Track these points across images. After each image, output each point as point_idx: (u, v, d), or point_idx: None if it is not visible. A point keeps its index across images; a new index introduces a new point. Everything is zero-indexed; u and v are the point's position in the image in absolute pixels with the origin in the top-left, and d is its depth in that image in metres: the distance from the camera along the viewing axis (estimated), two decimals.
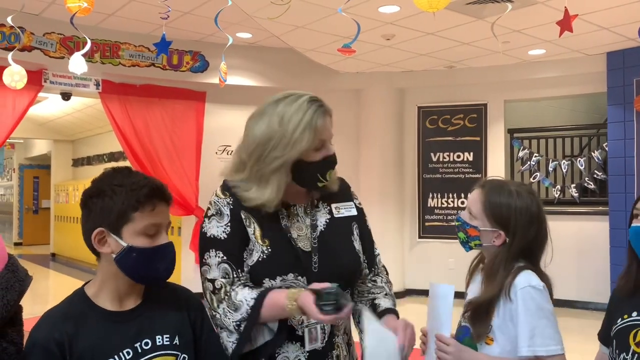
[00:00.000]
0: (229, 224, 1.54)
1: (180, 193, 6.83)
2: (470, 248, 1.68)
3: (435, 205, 7.49)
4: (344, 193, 1.73)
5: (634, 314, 1.44)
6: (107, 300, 1.35)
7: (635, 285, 1.44)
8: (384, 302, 1.68)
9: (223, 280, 1.51)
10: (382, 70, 7.29)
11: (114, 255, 1.31)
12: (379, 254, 1.78)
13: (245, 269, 1.54)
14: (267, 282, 1.52)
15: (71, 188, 11.74)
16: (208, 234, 1.55)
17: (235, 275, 1.52)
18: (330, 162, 1.60)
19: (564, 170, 6.98)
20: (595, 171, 6.80)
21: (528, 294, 1.55)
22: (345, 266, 1.63)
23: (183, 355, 1.37)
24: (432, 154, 7.54)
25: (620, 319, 1.47)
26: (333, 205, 1.68)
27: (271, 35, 6.10)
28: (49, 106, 9.73)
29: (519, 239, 1.61)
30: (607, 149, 6.51)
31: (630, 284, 1.45)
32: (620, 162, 6.27)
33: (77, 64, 3.99)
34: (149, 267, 1.33)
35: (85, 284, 1.39)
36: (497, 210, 1.61)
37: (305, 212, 1.63)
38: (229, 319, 1.48)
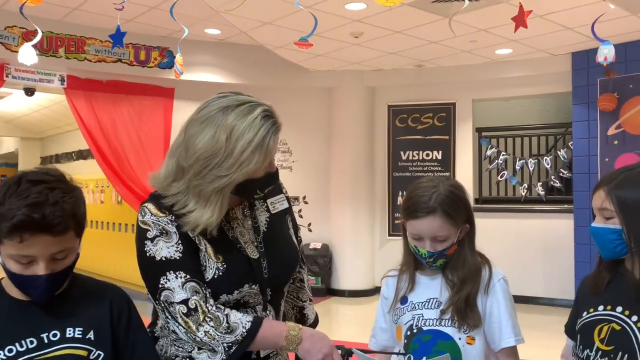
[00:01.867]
0: (179, 242, 1.41)
1: (148, 191, 6.68)
2: (443, 264, 1.61)
3: None
4: (274, 186, 1.63)
5: (600, 307, 1.40)
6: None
7: (603, 282, 1.43)
8: (310, 314, 1.76)
9: (196, 298, 1.37)
10: (353, 68, 7.30)
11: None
12: (301, 241, 1.77)
13: None
14: (223, 297, 1.44)
15: None
16: (158, 258, 1.39)
17: (205, 292, 1.40)
18: (272, 179, 1.51)
19: (531, 169, 7.08)
20: (561, 170, 6.91)
21: (504, 285, 1.60)
22: (291, 265, 1.63)
23: (98, 351, 1.30)
24: (401, 153, 7.58)
25: (586, 312, 1.44)
26: (268, 201, 1.62)
27: (240, 32, 6.06)
28: (15, 102, 9.51)
29: (472, 229, 1.64)
30: (572, 147, 6.62)
31: (599, 281, 1.44)
32: (585, 160, 6.39)
33: (27, 54, 3.86)
34: (22, 288, 1.26)
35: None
36: (464, 205, 1.61)
37: (243, 214, 1.55)
38: (218, 340, 1.36)
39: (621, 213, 1.34)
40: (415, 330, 1.60)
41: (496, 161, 7.24)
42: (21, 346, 1.23)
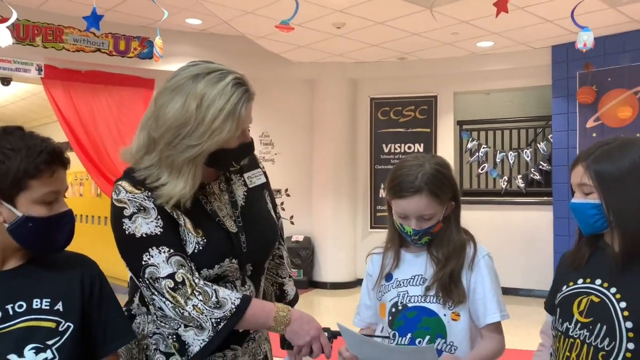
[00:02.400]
0: (159, 218, 1.38)
1: None
2: (428, 241, 1.61)
3: None
4: (251, 161, 1.61)
5: (580, 280, 1.41)
6: None
7: (584, 258, 1.44)
8: (290, 290, 1.76)
9: (182, 271, 1.35)
10: (335, 60, 7.27)
11: (6, 225, 1.20)
12: (280, 217, 1.75)
13: None
14: (204, 272, 1.42)
15: None
16: (138, 235, 1.36)
17: (190, 265, 1.38)
18: (247, 149, 1.48)
19: (511, 162, 7.14)
20: (541, 162, 6.99)
21: (489, 261, 1.61)
22: (270, 240, 1.62)
23: (67, 323, 1.26)
24: (384, 145, 7.60)
25: (565, 286, 1.44)
26: (245, 176, 1.60)
27: (222, 22, 5.99)
28: None
29: (458, 206, 1.65)
30: (552, 140, 6.69)
31: (579, 256, 1.45)
32: (564, 153, 6.46)
33: (1, 36, 3.75)
34: (46, 237, 1.23)
35: None
36: (450, 183, 1.60)
37: (220, 188, 1.53)
38: (206, 315, 1.34)
39: (600, 187, 1.35)
40: (400, 307, 1.59)
41: (477, 154, 7.29)
42: None
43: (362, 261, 8.54)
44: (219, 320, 1.35)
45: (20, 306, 1.23)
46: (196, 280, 1.37)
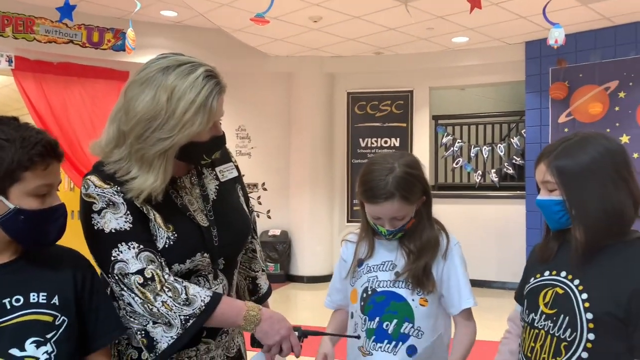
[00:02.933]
0: (128, 213, 1.36)
1: None
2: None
3: None
4: (223, 153, 1.59)
5: (546, 273, 1.45)
6: None
7: (552, 252, 1.47)
8: (263, 284, 1.76)
9: (152, 267, 1.34)
10: (312, 54, 7.27)
11: None
12: (253, 210, 1.76)
13: None
14: (175, 267, 1.41)
15: None
16: (107, 230, 1.34)
17: (160, 261, 1.37)
18: (218, 143, 1.46)
19: (485, 156, 7.24)
20: (514, 157, 7.10)
21: (459, 249, 1.66)
22: (242, 233, 1.61)
23: (62, 317, 1.26)
24: (360, 140, 7.63)
25: (533, 278, 1.48)
26: (217, 169, 1.58)
27: (197, 14, 5.94)
28: None
29: (429, 199, 1.68)
30: (525, 135, 6.80)
31: (547, 250, 1.48)
32: (537, 147, 6.56)
33: None
34: (39, 230, 1.22)
35: None
36: (421, 183, 1.63)
37: (191, 182, 1.52)
38: (175, 312, 1.33)
39: (561, 184, 1.38)
40: (370, 292, 1.62)
41: (452, 148, 7.37)
42: None
43: (338, 255, 8.61)
44: (187, 317, 1.34)
45: (18, 300, 1.22)
46: (166, 277, 1.35)
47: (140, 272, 1.33)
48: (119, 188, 1.37)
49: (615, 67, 5.96)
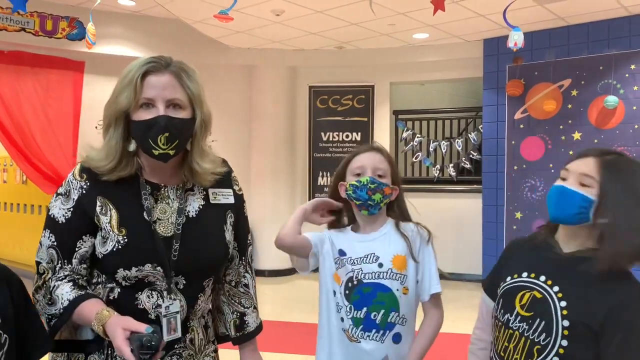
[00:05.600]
0: (71, 209, 1.45)
1: (56, 170, 6.36)
2: (380, 208, 1.74)
3: (325, 184, 7.62)
4: (224, 179, 1.63)
5: (524, 274, 1.45)
6: None
7: (539, 242, 1.48)
8: (252, 321, 1.70)
9: (46, 265, 1.45)
10: (274, 47, 7.23)
11: None
12: (251, 245, 1.74)
13: (100, 256, 1.45)
14: (121, 272, 1.42)
15: None
16: (50, 212, 1.48)
17: (59, 265, 1.45)
18: (157, 124, 1.40)
19: (444, 151, 7.37)
20: (472, 152, 7.25)
21: (432, 239, 1.76)
22: (208, 257, 1.54)
23: (5, 335, 1.23)
24: (322, 134, 7.65)
25: (510, 277, 1.48)
26: (210, 191, 1.58)
27: (156, 4, 5.82)
28: None
29: (401, 196, 1.82)
30: (482, 130, 6.95)
31: (535, 240, 1.49)
32: (493, 143, 6.73)
33: None
34: None
35: None
36: (395, 168, 1.81)
37: (175, 194, 1.52)
38: (42, 309, 1.44)
39: (608, 192, 1.36)
40: (355, 282, 1.69)
41: (411, 143, 7.48)
42: None
43: None
44: (50, 317, 1.44)
45: None
46: (49, 276, 1.45)
47: (38, 263, 1.47)
48: (87, 184, 1.46)
49: (569, 66, 6.15)
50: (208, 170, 1.55)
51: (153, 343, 1.25)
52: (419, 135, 7.54)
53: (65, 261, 1.45)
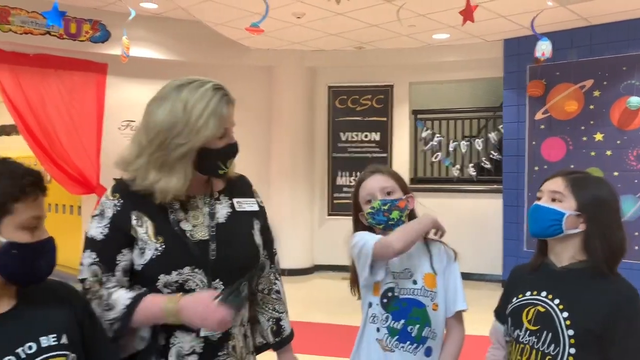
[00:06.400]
0: (107, 226, 1.51)
1: (80, 170, 6.47)
2: (403, 222, 1.78)
3: (344, 184, 7.66)
4: (246, 190, 1.73)
5: (527, 293, 1.58)
6: None
7: (536, 264, 1.62)
8: (287, 326, 1.79)
9: (92, 280, 1.49)
10: (293, 48, 7.27)
11: None
12: (276, 253, 1.82)
13: (139, 268, 1.50)
14: (162, 278, 1.48)
15: None
16: (88, 234, 1.53)
17: (104, 278, 1.50)
18: (232, 150, 1.59)
19: (463, 151, 7.35)
20: (492, 152, 7.23)
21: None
22: (243, 257, 1.62)
23: (72, 355, 1.27)
24: (341, 134, 7.67)
25: (515, 298, 1.61)
26: (235, 200, 1.67)
27: (178, 6, 5.88)
28: None
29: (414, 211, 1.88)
30: (502, 130, 6.93)
31: (533, 262, 1.63)
32: (514, 143, 6.71)
33: None
34: (31, 264, 1.21)
35: None
36: (401, 180, 1.86)
37: (204, 202, 1.61)
38: (102, 318, 1.45)
39: (582, 205, 1.53)
40: (394, 294, 1.75)
41: (431, 143, 7.47)
42: None
43: (319, 248, 8.64)
44: (112, 322, 1.45)
45: (30, 347, 1.22)
46: (97, 287, 1.49)
47: (82, 280, 1.51)
48: (121, 202, 1.53)
49: (591, 66, 6.10)
50: (233, 177, 1.71)
51: (243, 287, 1.43)
52: (439, 135, 7.53)
53: (110, 274, 1.50)
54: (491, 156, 7.23)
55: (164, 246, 1.49)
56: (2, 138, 10.10)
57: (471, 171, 7.34)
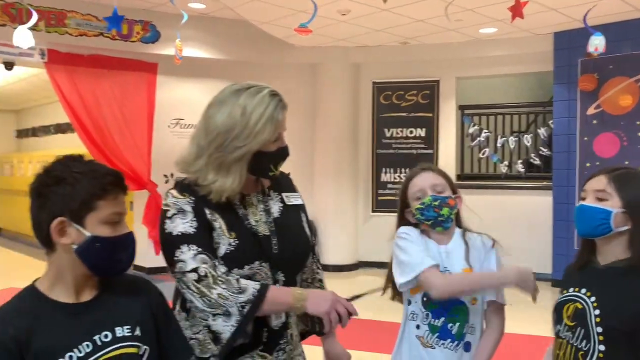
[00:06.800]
0: (194, 219, 1.56)
1: (132, 167, 6.69)
2: (452, 220, 1.80)
3: (388, 180, 7.63)
4: (290, 185, 1.82)
5: (571, 289, 1.61)
6: (63, 293, 1.30)
7: (583, 261, 1.63)
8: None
9: (205, 266, 1.51)
10: (338, 45, 7.28)
11: (74, 247, 1.27)
12: (317, 244, 1.92)
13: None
14: (236, 272, 1.56)
15: (15, 160, 11.30)
16: (175, 233, 1.54)
17: (213, 262, 1.54)
18: (284, 153, 1.67)
19: (512, 147, 7.20)
20: (541, 147, 7.05)
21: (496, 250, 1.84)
22: (301, 249, 1.75)
23: (145, 347, 1.34)
24: (385, 130, 7.64)
25: (560, 294, 1.65)
26: (284, 194, 1.76)
27: (225, 6, 5.99)
28: None
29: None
30: (552, 126, 6.75)
31: (579, 260, 1.64)
32: (564, 139, 6.52)
33: (23, 37, 3.80)
34: (112, 257, 1.31)
35: (35, 281, 1.33)
36: (450, 180, 1.88)
37: (258, 200, 1.70)
38: (231, 301, 1.48)
39: (628, 204, 1.52)
40: None
41: (478, 138, 7.35)
42: (79, 352, 1.25)
43: (363, 244, 8.62)
44: (243, 304, 1.49)
45: (106, 336, 1.30)
46: (218, 273, 1.52)
47: (195, 270, 1.51)
48: (192, 199, 1.59)
49: None
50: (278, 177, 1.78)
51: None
52: (486, 131, 7.40)
53: (217, 259, 1.55)
54: (540, 152, 7.05)
55: (237, 241, 1.57)
56: (58, 136, 10.56)
57: (520, 167, 7.19)
